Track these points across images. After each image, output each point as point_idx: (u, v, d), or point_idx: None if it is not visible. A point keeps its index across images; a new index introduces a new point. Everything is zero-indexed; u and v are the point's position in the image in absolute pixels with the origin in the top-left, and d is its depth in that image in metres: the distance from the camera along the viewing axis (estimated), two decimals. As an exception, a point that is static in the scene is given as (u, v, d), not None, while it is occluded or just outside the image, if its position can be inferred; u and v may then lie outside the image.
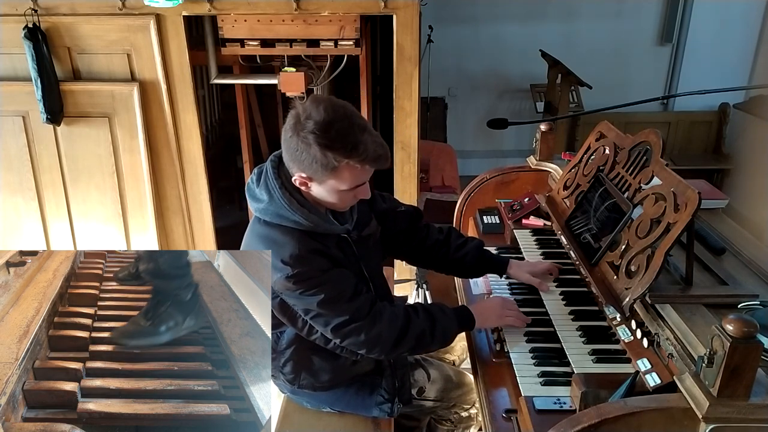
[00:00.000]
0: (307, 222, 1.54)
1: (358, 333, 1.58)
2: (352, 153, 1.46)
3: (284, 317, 1.65)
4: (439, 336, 1.67)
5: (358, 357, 1.70)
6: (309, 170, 1.50)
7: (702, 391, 1.20)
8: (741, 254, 1.74)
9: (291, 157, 1.51)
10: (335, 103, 1.49)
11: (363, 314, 1.58)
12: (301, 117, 1.47)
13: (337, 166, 1.47)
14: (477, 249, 1.94)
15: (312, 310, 1.56)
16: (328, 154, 1.45)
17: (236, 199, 4.51)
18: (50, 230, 3.32)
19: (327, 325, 1.58)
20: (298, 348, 1.72)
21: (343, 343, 1.62)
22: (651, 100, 4.10)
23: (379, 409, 1.79)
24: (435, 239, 1.94)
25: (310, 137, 1.44)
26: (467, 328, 1.76)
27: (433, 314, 1.68)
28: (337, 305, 1.56)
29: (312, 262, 1.53)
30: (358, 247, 1.69)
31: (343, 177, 1.50)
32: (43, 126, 3.04)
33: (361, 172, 1.52)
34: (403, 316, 1.64)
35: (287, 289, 1.54)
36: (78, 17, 2.92)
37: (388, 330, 1.60)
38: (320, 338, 1.66)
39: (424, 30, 4.05)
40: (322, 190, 1.54)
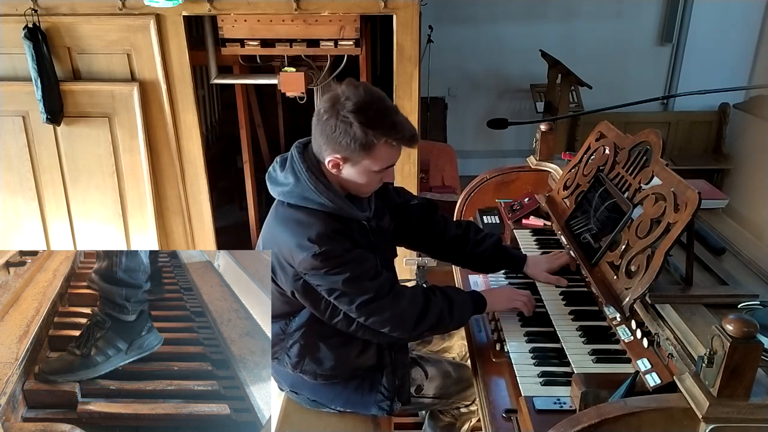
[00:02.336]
0: (332, 205, 1.57)
1: (382, 311, 1.61)
2: (391, 131, 1.53)
3: (306, 300, 1.65)
4: (457, 315, 1.71)
5: (379, 339, 1.72)
6: (345, 151, 1.54)
7: (702, 391, 1.19)
8: (741, 254, 1.74)
9: (326, 139, 1.55)
10: (371, 87, 1.58)
11: (385, 292, 1.61)
12: (340, 98, 1.52)
13: (375, 144, 1.53)
14: (495, 245, 1.96)
15: (337, 289, 1.58)
16: (369, 132, 1.51)
17: (236, 199, 4.51)
18: (50, 230, 3.32)
19: (352, 303, 1.59)
20: (308, 332, 1.73)
21: (367, 322, 1.63)
22: (651, 100, 4.10)
23: (378, 407, 1.80)
24: (454, 234, 1.96)
25: (351, 116, 1.50)
26: (480, 310, 1.78)
27: (450, 295, 1.71)
28: (362, 283, 1.58)
29: (337, 242, 1.56)
30: (374, 236, 1.72)
31: (378, 156, 1.55)
32: (43, 126, 3.04)
33: (395, 152, 1.59)
34: (423, 295, 1.67)
35: (313, 268, 1.55)
36: (78, 17, 2.92)
37: (410, 308, 1.63)
38: (342, 321, 1.67)
39: (424, 30, 4.05)
40: (355, 171, 1.58)
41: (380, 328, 1.64)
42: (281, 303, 1.69)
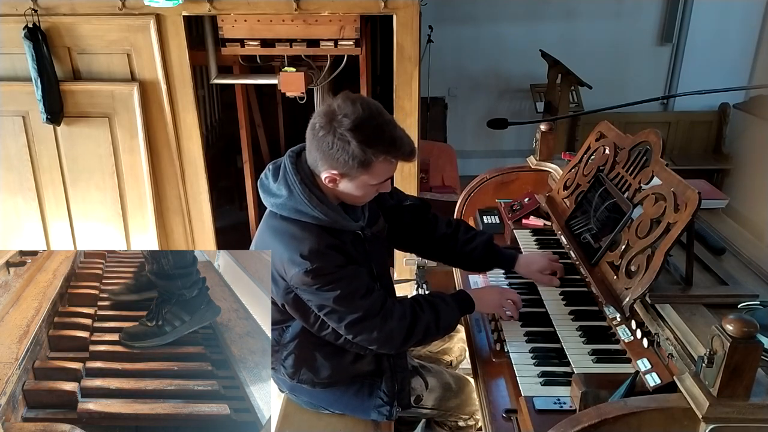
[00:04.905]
0: (326, 218, 1.56)
1: (370, 330, 1.60)
2: (390, 148, 1.52)
3: (297, 313, 1.66)
4: (443, 326, 1.71)
5: (366, 352, 1.71)
6: (343, 168, 1.52)
7: (702, 391, 1.20)
8: (741, 254, 1.74)
9: (323, 155, 1.52)
10: (368, 101, 1.54)
11: (375, 311, 1.60)
12: (337, 115, 1.49)
13: (374, 161, 1.51)
14: (485, 243, 1.94)
15: (327, 306, 1.57)
16: (368, 151, 1.49)
17: (236, 199, 4.51)
18: (50, 230, 3.31)
19: (341, 321, 1.59)
20: (302, 342, 1.72)
21: (355, 340, 1.63)
22: (651, 100, 4.09)
23: (378, 412, 1.79)
24: (443, 232, 1.95)
25: (348, 134, 1.47)
26: (468, 312, 1.78)
27: (437, 306, 1.70)
28: (352, 302, 1.57)
29: (330, 258, 1.55)
30: (370, 245, 1.71)
31: (376, 172, 1.54)
32: (43, 126, 3.04)
33: (393, 167, 1.58)
34: (411, 312, 1.66)
35: (304, 284, 1.55)
36: (78, 17, 2.92)
37: (398, 327, 1.62)
38: (330, 334, 1.67)
39: (424, 30, 4.05)
40: (352, 185, 1.57)
41: (368, 345, 1.64)
42: (274, 311, 1.69)
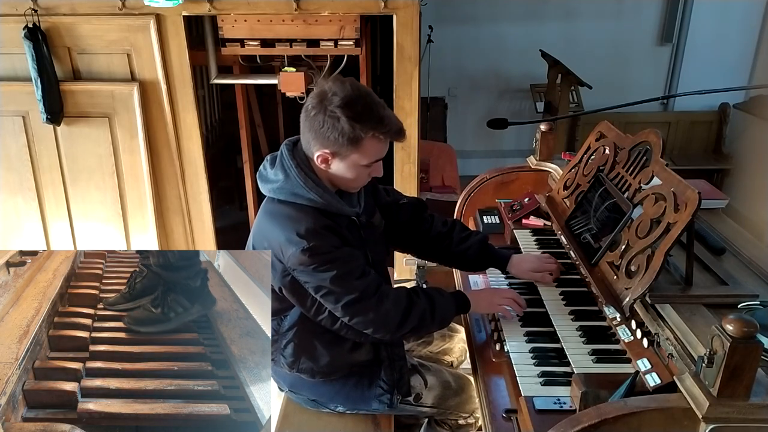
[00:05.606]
0: (321, 200, 1.59)
1: (366, 311, 1.62)
2: (378, 125, 1.56)
3: (294, 297, 1.67)
4: (438, 317, 1.72)
5: (362, 339, 1.72)
6: (333, 145, 1.56)
7: (702, 391, 1.19)
8: (741, 254, 1.74)
9: (315, 134, 1.57)
10: (357, 83, 1.60)
11: (371, 292, 1.62)
12: (327, 94, 1.54)
13: (363, 138, 1.55)
14: (480, 243, 1.95)
15: (324, 286, 1.58)
16: (356, 126, 1.53)
17: (236, 199, 4.52)
18: (50, 230, 3.32)
19: (338, 302, 1.60)
20: (300, 330, 1.73)
21: (351, 322, 1.64)
22: (651, 100, 4.09)
23: (379, 401, 1.80)
24: (438, 231, 1.96)
25: (338, 111, 1.52)
26: (464, 309, 1.80)
27: (433, 297, 1.72)
28: (348, 282, 1.59)
29: (326, 238, 1.57)
30: (365, 232, 1.73)
31: (366, 150, 1.57)
32: (43, 126, 3.04)
33: (382, 146, 1.61)
34: (406, 297, 1.68)
35: (301, 264, 1.56)
36: (78, 17, 2.92)
37: (394, 310, 1.64)
38: (327, 319, 1.68)
39: (424, 30, 4.05)
40: (343, 165, 1.60)
41: (363, 329, 1.65)
42: (273, 300, 1.70)
